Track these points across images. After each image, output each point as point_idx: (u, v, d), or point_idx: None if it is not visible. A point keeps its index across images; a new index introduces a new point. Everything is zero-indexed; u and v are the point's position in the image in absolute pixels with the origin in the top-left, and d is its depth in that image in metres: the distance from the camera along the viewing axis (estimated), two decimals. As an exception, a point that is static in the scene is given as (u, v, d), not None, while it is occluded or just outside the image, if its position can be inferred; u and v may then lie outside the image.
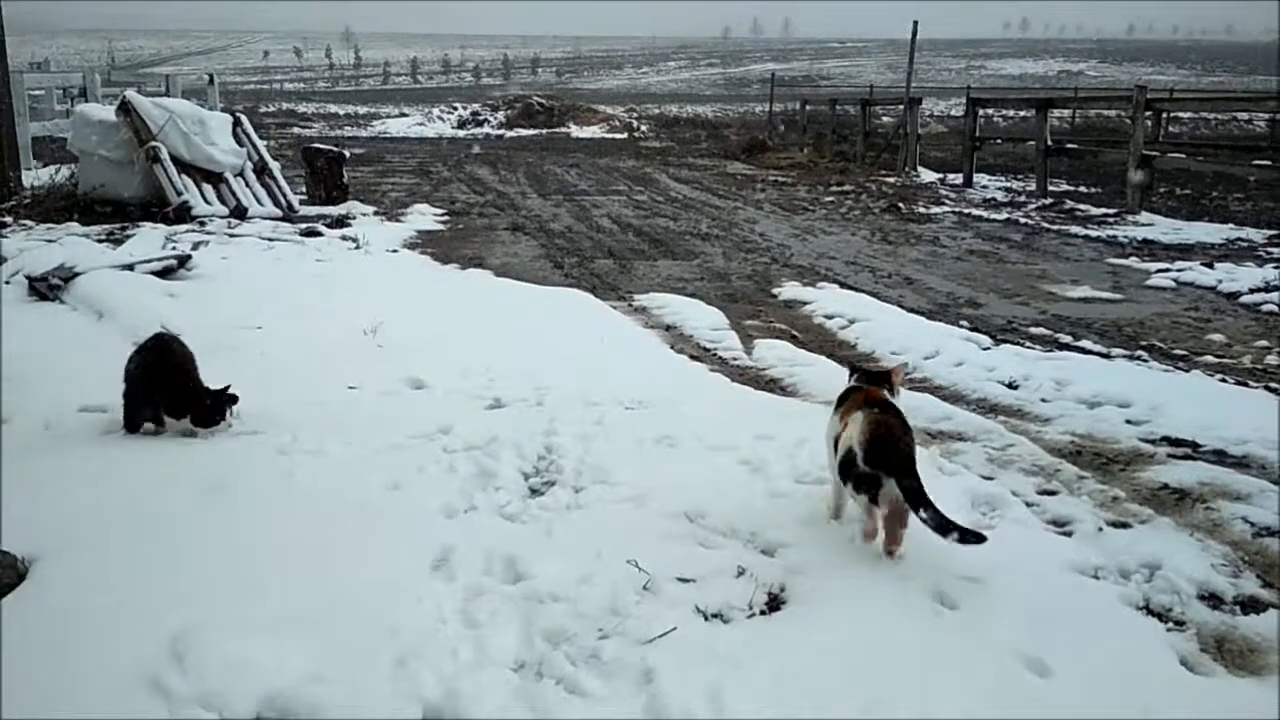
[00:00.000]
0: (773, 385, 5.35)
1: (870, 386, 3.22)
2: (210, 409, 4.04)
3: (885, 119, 25.32)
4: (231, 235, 9.62)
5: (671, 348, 6.08)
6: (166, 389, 4.04)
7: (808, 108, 28.21)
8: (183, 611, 2.50)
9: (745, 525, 3.22)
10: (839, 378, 5.20)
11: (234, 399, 4.09)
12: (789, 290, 7.99)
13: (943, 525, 2.80)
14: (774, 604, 2.75)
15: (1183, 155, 14.98)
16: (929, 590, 2.81)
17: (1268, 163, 13.10)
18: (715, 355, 5.97)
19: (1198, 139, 27.49)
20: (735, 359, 5.90)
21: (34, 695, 2.21)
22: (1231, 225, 11.51)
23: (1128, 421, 4.57)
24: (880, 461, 2.91)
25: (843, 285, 8.21)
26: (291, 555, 2.91)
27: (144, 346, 4.15)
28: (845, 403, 3.20)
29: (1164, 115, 20.25)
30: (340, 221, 11.10)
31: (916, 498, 2.84)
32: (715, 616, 2.66)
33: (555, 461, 3.82)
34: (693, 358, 5.85)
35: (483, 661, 2.40)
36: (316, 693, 2.22)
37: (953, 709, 2.29)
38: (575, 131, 37.36)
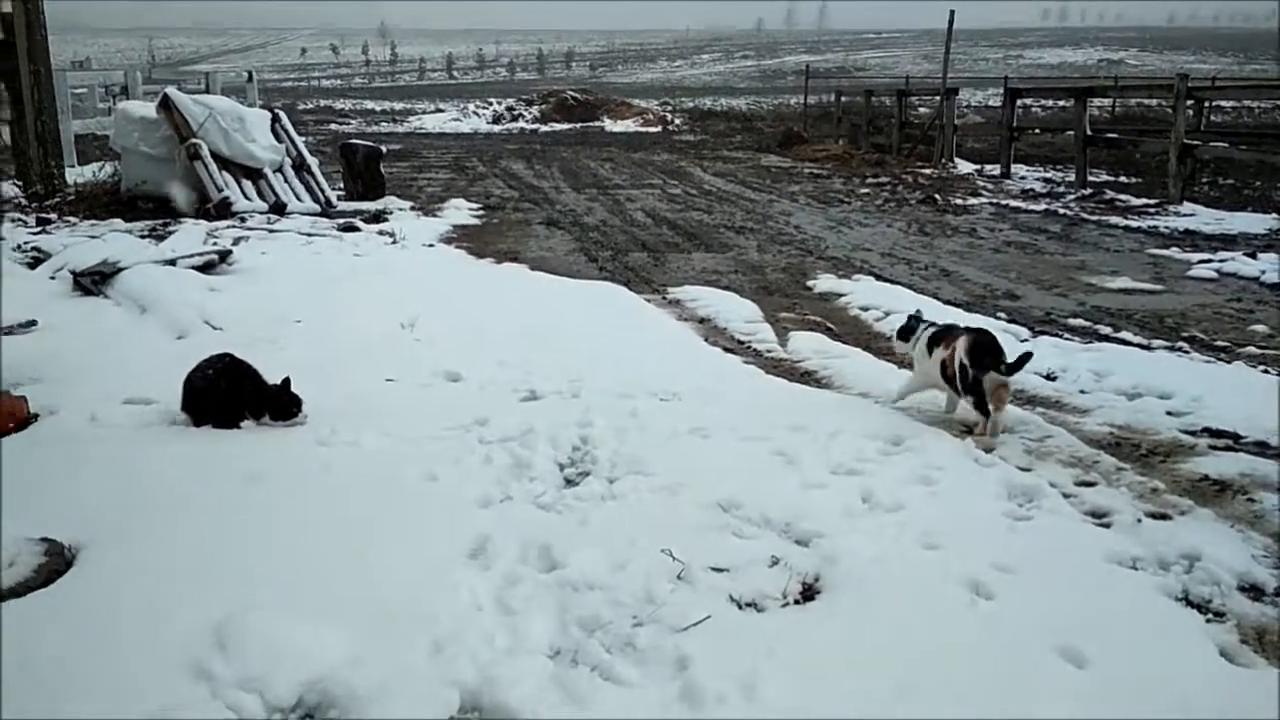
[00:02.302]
0: (807, 377, 5.34)
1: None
2: (286, 404, 4.16)
3: (921, 110, 25.12)
4: (271, 231, 9.73)
5: (705, 340, 6.09)
6: (244, 394, 4.16)
7: (843, 99, 28.00)
8: (225, 598, 2.55)
9: (779, 516, 3.22)
10: (874, 370, 5.19)
11: (293, 395, 4.19)
12: (824, 283, 7.96)
13: None
14: (808, 593, 2.76)
15: (1225, 144, 14.72)
16: (965, 580, 2.81)
17: (1313, 151, 12.87)
18: (749, 348, 5.97)
19: (1240, 128, 27.02)
20: (769, 351, 5.89)
21: (81, 679, 2.26)
22: (1275, 215, 11.30)
23: (1168, 413, 4.52)
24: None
25: (878, 277, 8.17)
26: (330, 544, 2.95)
27: (212, 363, 4.22)
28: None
29: (1205, 104, 19.92)
30: (377, 217, 11.18)
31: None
32: (749, 605, 2.67)
33: (590, 452, 3.84)
34: (726, 350, 5.85)
35: (518, 648, 2.43)
36: (356, 677, 2.25)
37: (987, 698, 2.28)
38: (609, 125, 37.39)
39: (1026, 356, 4.16)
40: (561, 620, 2.55)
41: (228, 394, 4.14)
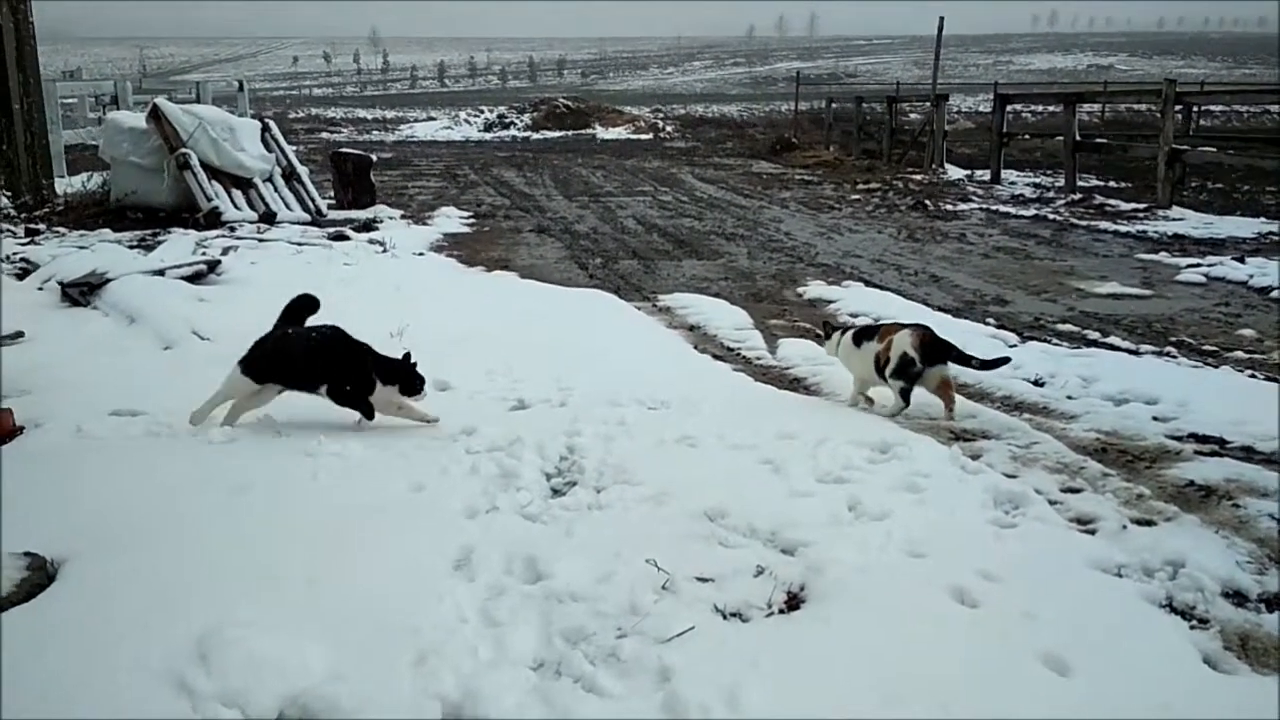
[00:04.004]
0: (796, 384, 5.35)
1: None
2: (419, 379, 4.18)
3: (912, 116, 25.16)
4: (261, 240, 9.72)
5: (695, 348, 6.09)
6: (367, 362, 4.19)
7: (834, 106, 28.05)
8: (207, 611, 2.53)
9: (765, 525, 3.22)
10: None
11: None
12: (814, 289, 7.98)
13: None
14: (793, 603, 2.75)
15: (1213, 149, 14.79)
16: (950, 588, 2.80)
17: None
18: (739, 355, 5.97)
19: (1229, 132, 27.13)
20: (759, 358, 5.90)
21: (61, 695, 2.24)
22: (1263, 219, 11.36)
23: (1154, 418, 4.53)
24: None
25: (868, 284, 8.19)
26: (315, 555, 2.93)
27: (319, 329, 4.32)
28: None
29: (1194, 109, 20.02)
30: (368, 225, 11.19)
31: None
32: (734, 615, 2.66)
33: (577, 462, 3.84)
34: (716, 357, 5.86)
35: (501, 660, 2.41)
36: (337, 691, 2.24)
37: (971, 707, 2.28)
38: (601, 133, 37.38)
39: (1004, 360, 4.72)
40: (545, 632, 2.54)
41: (351, 359, 4.16)
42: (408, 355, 4.19)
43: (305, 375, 4.20)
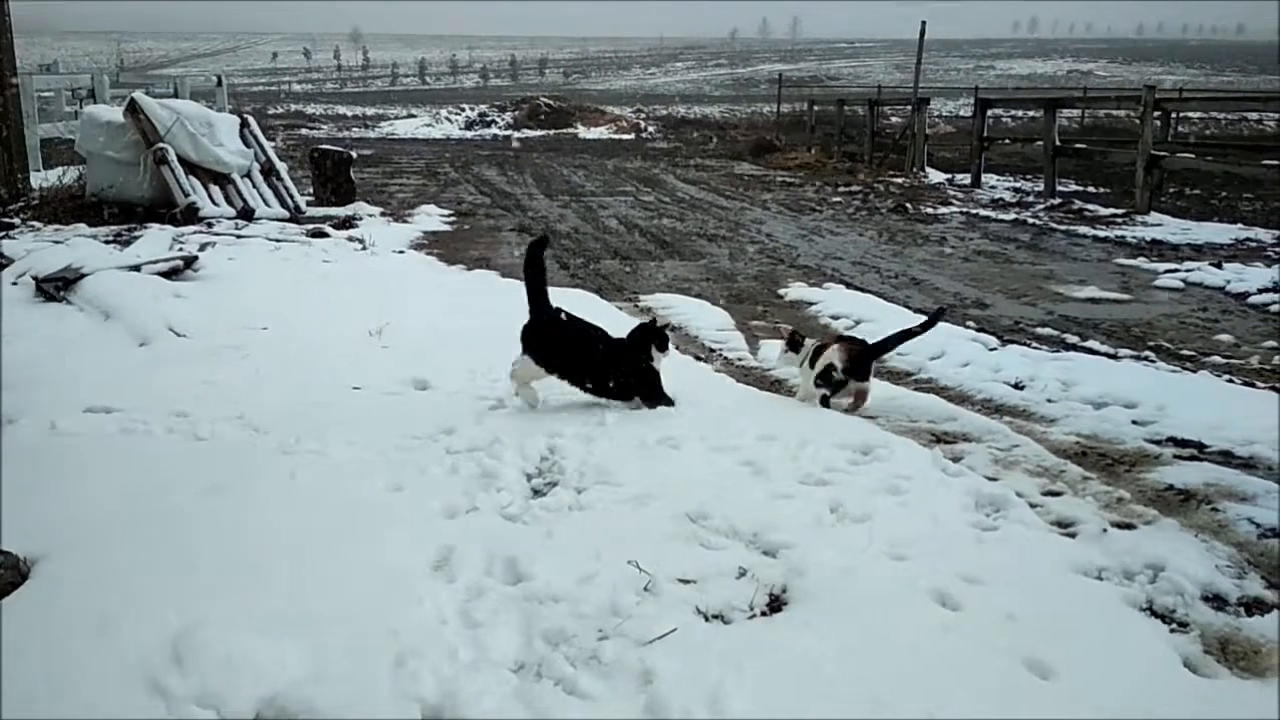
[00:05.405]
0: (777, 386, 5.35)
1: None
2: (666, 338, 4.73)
3: (893, 119, 25.26)
4: (239, 236, 9.65)
5: (676, 348, 6.06)
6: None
7: (815, 108, 28.11)
8: (182, 611, 2.50)
9: (747, 526, 3.20)
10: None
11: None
12: (795, 291, 7.98)
13: None
14: (775, 605, 2.74)
15: (1191, 155, 14.91)
16: (932, 591, 2.80)
17: (1276, 162, 13.02)
18: (720, 355, 5.96)
19: (1207, 139, 27.38)
20: (740, 359, 5.89)
21: (34, 695, 2.21)
22: (1240, 225, 11.46)
23: (1134, 422, 4.54)
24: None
25: (849, 286, 8.20)
26: (292, 555, 2.90)
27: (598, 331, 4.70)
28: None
29: (1173, 115, 20.19)
30: (347, 222, 11.12)
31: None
32: (716, 617, 2.65)
33: (557, 462, 3.81)
34: (697, 358, 5.85)
35: (482, 662, 2.39)
36: (315, 693, 2.21)
37: (954, 710, 2.27)
38: (583, 132, 37.35)
39: (926, 325, 4.83)
40: (526, 633, 2.51)
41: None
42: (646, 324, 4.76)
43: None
